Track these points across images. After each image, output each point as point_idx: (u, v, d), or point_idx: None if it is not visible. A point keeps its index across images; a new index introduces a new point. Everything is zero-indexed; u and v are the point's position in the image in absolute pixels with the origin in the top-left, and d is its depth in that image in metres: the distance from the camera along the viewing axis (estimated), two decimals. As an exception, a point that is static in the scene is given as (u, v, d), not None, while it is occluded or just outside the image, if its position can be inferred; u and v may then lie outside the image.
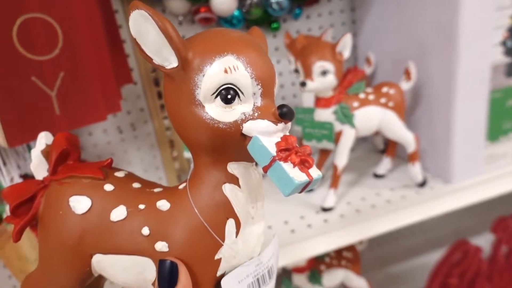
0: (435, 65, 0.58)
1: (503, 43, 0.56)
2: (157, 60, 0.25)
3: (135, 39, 0.25)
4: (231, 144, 0.26)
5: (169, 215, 0.28)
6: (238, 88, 0.25)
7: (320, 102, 0.56)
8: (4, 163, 0.51)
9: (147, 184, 0.31)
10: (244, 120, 0.25)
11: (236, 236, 0.28)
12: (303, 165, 0.24)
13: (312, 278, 0.71)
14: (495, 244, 0.78)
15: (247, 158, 0.26)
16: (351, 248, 0.74)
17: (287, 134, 0.26)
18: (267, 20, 0.74)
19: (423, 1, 0.58)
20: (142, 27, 0.24)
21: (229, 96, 0.25)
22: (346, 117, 0.55)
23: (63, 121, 0.46)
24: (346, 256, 0.72)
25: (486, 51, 0.55)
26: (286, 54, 0.70)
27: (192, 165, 0.29)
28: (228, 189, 0.27)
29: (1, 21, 0.41)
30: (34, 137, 0.46)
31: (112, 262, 0.29)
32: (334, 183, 0.58)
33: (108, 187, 0.30)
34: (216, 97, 0.25)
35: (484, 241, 0.84)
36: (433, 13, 0.56)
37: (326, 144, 0.58)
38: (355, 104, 0.56)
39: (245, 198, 0.28)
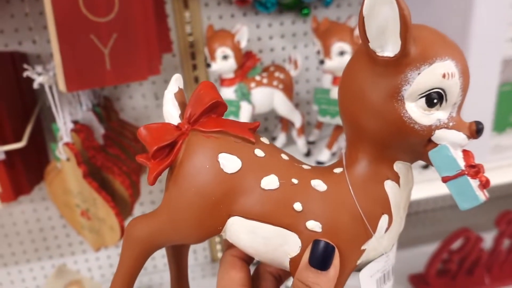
0: (450, 56, 0.62)
1: (516, 39, 0.59)
2: (372, 44, 0.25)
3: (363, 17, 0.24)
4: (413, 146, 0.26)
5: (326, 197, 0.28)
6: (446, 95, 0.24)
7: (337, 81, 0.61)
8: (62, 109, 0.60)
9: (293, 158, 0.30)
10: (438, 127, 0.25)
11: (385, 232, 0.28)
12: (484, 185, 0.25)
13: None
14: (497, 237, 0.81)
15: (413, 159, 0.27)
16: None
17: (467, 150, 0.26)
18: (299, 6, 0.80)
19: (444, -4, 0.62)
20: (376, 8, 0.24)
21: (435, 100, 0.24)
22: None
23: (112, 75, 0.54)
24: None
25: (498, 46, 0.59)
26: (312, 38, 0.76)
27: (344, 150, 0.29)
28: (389, 186, 0.27)
29: (71, -14, 0.49)
30: (88, 86, 0.55)
31: (254, 228, 0.28)
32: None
33: (259, 152, 0.29)
34: (421, 98, 0.24)
35: (491, 237, 0.87)
36: (450, 6, 0.60)
37: (339, 120, 0.63)
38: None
39: (401, 197, 0.28)
